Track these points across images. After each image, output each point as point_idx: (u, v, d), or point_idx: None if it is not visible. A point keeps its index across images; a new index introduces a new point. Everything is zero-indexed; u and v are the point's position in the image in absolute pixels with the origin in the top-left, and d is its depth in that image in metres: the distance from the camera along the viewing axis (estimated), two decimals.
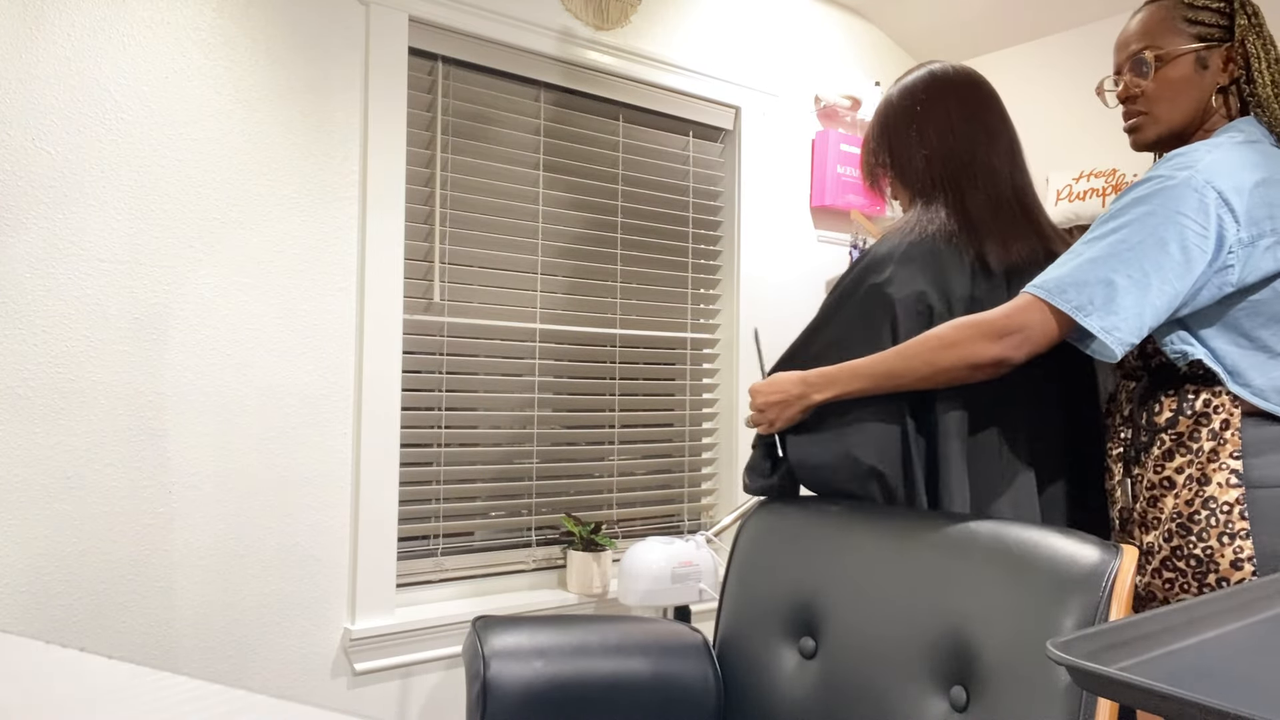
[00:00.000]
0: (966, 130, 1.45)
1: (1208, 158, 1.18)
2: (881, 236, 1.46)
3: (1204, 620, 0.61)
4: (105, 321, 1.67)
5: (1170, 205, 1.16)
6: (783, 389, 1.40)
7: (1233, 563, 1.16)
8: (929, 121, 1.46)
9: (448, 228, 2.15)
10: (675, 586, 2.05)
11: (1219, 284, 1.17)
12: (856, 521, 1.36)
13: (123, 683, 0.63)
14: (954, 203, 1.42)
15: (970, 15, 2.88)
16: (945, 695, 1.17)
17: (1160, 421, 1.24)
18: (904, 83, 1.51)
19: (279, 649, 1.85)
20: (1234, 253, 1.16)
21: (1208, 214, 1.15)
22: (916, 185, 1.47)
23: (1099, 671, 0.51)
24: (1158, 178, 1.19)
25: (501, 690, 1.33)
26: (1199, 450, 1.20)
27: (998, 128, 1.46)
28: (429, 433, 2.12)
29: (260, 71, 1.84)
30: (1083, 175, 2.70)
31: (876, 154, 1.53)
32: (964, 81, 1.48)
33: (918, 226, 1.41)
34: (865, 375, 1.33)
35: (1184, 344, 1.21)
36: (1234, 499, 1.16)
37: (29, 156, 1.60)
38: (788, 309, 2.73)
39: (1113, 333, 1.15)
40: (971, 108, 1.46)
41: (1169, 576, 1.22)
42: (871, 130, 1.55)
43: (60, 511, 1.63)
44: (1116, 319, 1.15)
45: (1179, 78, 1.29)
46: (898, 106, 1.50)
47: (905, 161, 1.48)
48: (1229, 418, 1.19)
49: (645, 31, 2.42)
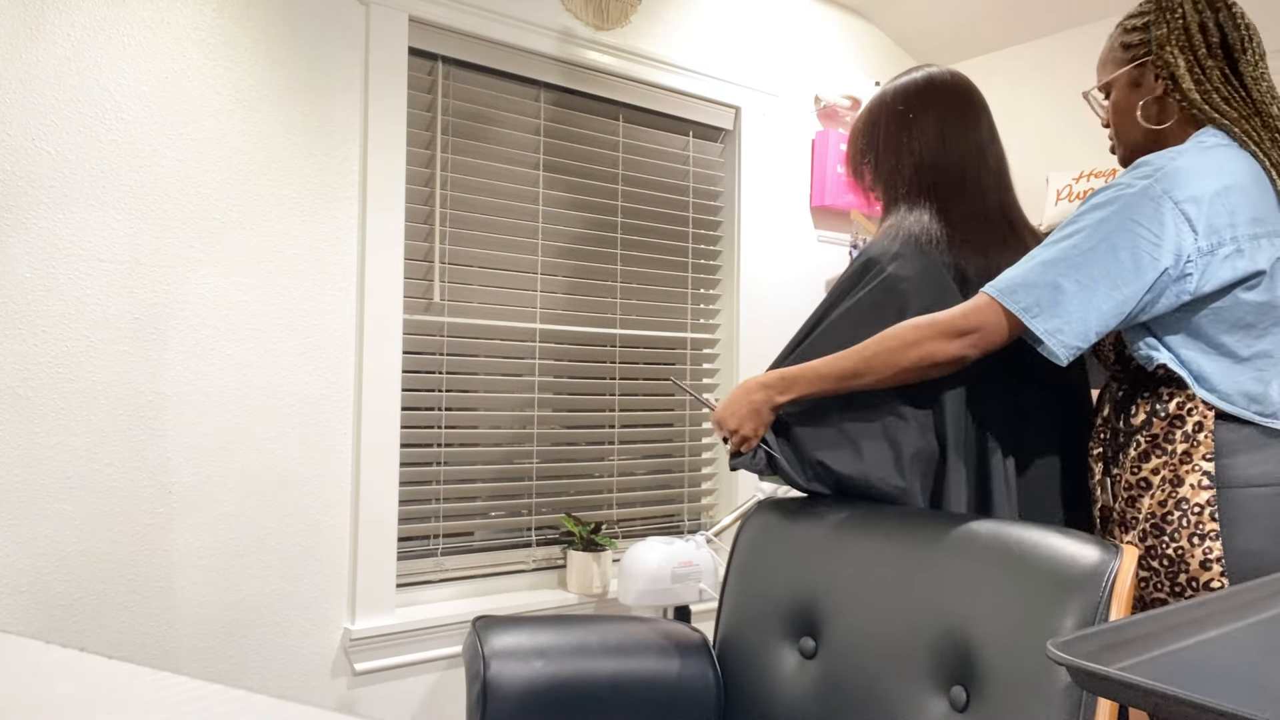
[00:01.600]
0: (958, 145, 1.44)
1: (1169, 165, 1.19)
2: (868, 244, 1.46)
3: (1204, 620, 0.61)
4: (105, 321, 1.67)
5: (1125, 213, 1.18)
6: (746, 400, 1.40)
7: (1202, 563, 1.17)
8: (921, 130, 1.46)
9: (448, 228, 2.15)
10: (675, 586, 2.05)
11: (1177, 292, 1.19)
12: (856, 521, 1.36)
13: (123, 683, 0.63)
14: (938, 211, 1.42)
15: (970, 15, 2.88)
16: (945, 695, 1.17)
17: (1136, 423, 1.26)
18: (900, 84, 1.51)
19: (279, 649, 1.85)
20: (1192, 261, 1.17)
21: (1163, 223, 1.16)
22: (902, 189, 1.47)
23: (1099, 671, 0.51)
24: (1117, 185, 1.21)
25: (501, 690, 1.33)
26: (1173, 452, 1.22)
27: (987, 145, 1.46)
28: (429, 433, 2.12)
29: (260, 71, 1.84)
30: (1082, 175, 2.70)
31: (864, 151, 1.53)
32: (960, 93, 1.47)
33: (903, 229, 1.42)
34: (828, 376, 1.34)
35: (1150, 349, 1.23)
36: (1205, 500, 1.18)
37: (29, 156, 1.60)
38: (788, 309, 2.73)
39: (1056, 335, 1.18)
40: (965, 122, 1.45)
41: (1144, 575, 1.24)
42: (861, 125, 1.54)
43: (60, 511, 1.63)
44: (1060, 322, 1.18)
45: (1120, 99, 1.35)
46: (891, 108, 1.49)
47: (893, 165, 1.48)
48: (1202, 420, 1.20)
49: (645, 31, 2.42)
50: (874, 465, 1.35)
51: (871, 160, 1.51)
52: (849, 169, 1.58)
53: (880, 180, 1.51)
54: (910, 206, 1.44)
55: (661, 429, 2.53)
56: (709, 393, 2.63)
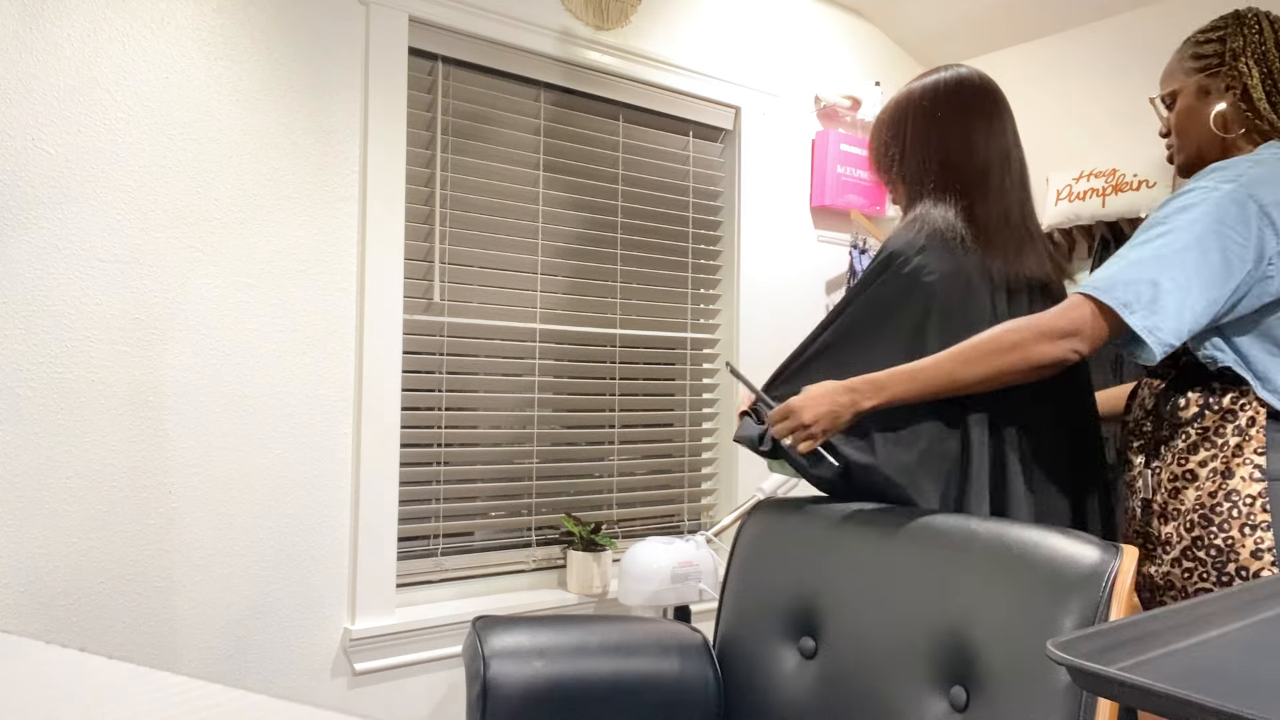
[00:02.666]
0: (984, 147, 1.44)
1: (1250, 172, 1.22)
2: (891, 235, 1.45)
3: (1205, 620, 0.61)
4: (105, 321, 1.67)
5: (1213, 214, 1.20)
6: (830, 399, 1.34)
7: (1253, 553, 1.19)
8: (949, 130, 1.45)
9: (448, 228, 2.15)
10: (675, 586, 2.05)
11: (1259, 293, 1.21)
12: (856, 521, 1.36)
13: (123, 683, 0.63)
14: (962, 209, 1.42)
15: (970, 15, 2.87)
16: (945, 695, 1.17)
17: (1185, 416, 1.28)
18: (929, 83, 1.49)
19: (279, 649, 1.85)
20: (1273, 263, 1.20)
21: (1249, 225, 1.19)
22: (928, 185, 1.46)
23: (1099, 671, 0.51)
24: (1201, 188, 1.24)
25: (501, 690, 1.33)
26: (1223, 445, 1.24)
27: (1011, 150, 1.46)
28: (429, 433, 2.12)
29: (260, 71, 1.84)
30: (1083, 175, 2.70)
31: (889, 144, 1.52)
32: (988, 96, 1.47)
33: (927, 223, 1.41)
34: (921, 380, 1.30)
35: (1215, 350, 1.25)
36: (1257, 492, 1.20)
37: (29, 156, 1.60)
38: (788, 309, 2.73)
39: (1155, 333, 1.18)
40: (991, 126, 1.45)
41: (1188, 566, 1.25)
42: (887, 119, 1.53)
43: (60, 511, 1.63)
44: (1158, 319, 1.18)
45: (1185, 108, 1.37)
46: (919, 105, 1.48)
47: (919, 162, 1.47)
48: (1255, 415, 1.23)
49: (645, 31, 2.42)
50: (885, 459, 1.35)
51: (897, 154, 1.50)
52: (872, 161, 1.57)
53: (904, 176, 1.50)
54: (935, 202, 1.44)
55: (661, 429, 2.52)
56: (709, 393, 2.63)
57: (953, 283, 1.36)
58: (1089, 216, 2.67)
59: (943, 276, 1.36)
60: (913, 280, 1.37)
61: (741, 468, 2.59)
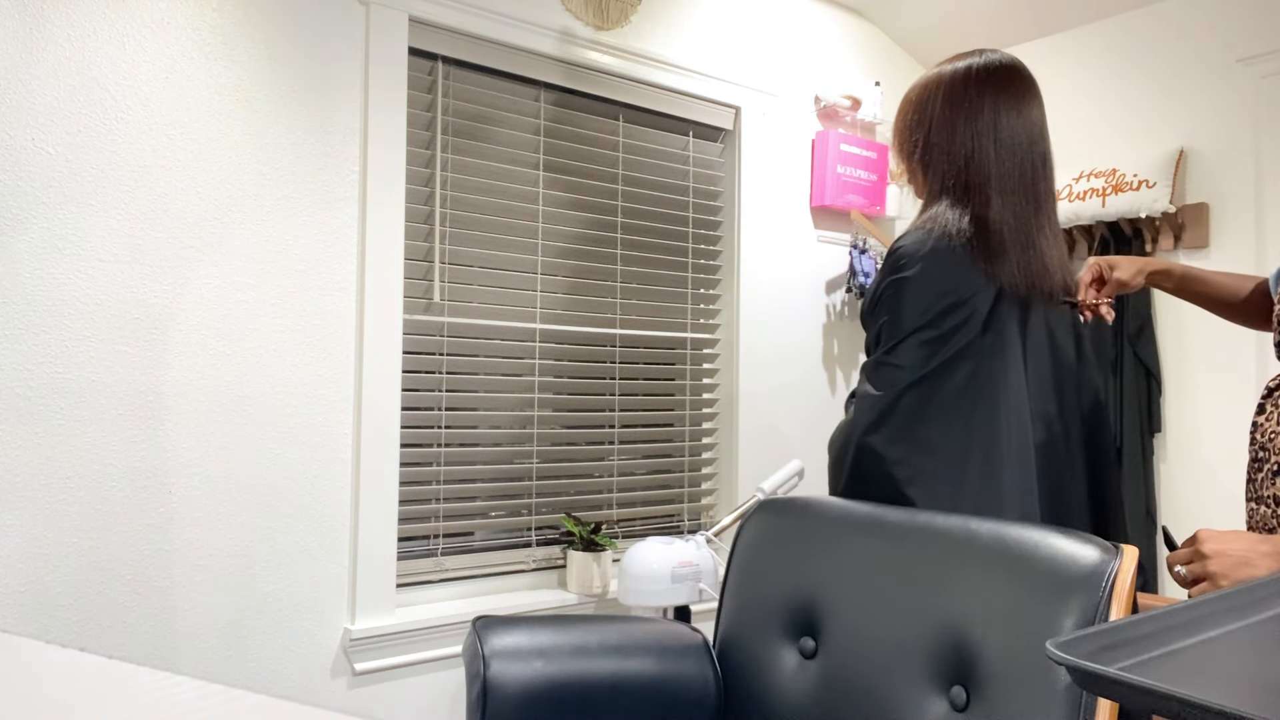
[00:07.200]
0: (1010, 139, 1.39)
1: None
2: (902, 235, 1.42)
3: (1205, 620, 0.61)
4: (105, 321, 1.67)
5: None
6: (1246, 566, 1.13)
7: None
8: (978, 125, 1.39)
9: (448, 228, 2.15)
10: (675, 586, 2.05)
11: None
12: (856, 522, 1.36)
13: (123, 683, 0.63)
14: (981, 207, 1.37)
15: (970, 15, 2.87)
16: (945, 695, 1.17)
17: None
18: (963, 67, 1.42)
19: (279, 649, 1.85)
20: None
21: None
22: (949, 180, 1.40)
23: (1099, 671, 0.51)
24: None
25: (501, 690, 1.33)
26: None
27: (1037, 141, 1.41)
28: (429, 433, 2.12)
29: (260, 71, 1.84)
30: (1083, 175, 2.70)
31: (912, 130, 1.45)
32: (1022, 86, 1.42)
33: (937, 226, 1.37)
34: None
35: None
36: None
37: (29, 156, 1.60)
38: (788, 309, 2.73)
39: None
40: (1020, 115, 1.40)
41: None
42: (916, 100, 1.46)
43: (60, 511, 1.63)
44: None
45: None
46: (948, 91, 1.42)
47: (944, 152, 1.41)
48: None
49: (645, 31, 2.42)
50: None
51: (920, 140, 1.44)
52: (895, 143, 1.51)
53: (927, 165, 1.44)
54: (952, 203, 1.39)
55: (661, 429, 2.53)
56: (709, 393, 2.63)
57: (957, 288, 1.34)
58: (1089, 216, 2.67)
59: (945, 285, 1.34)
60: (898, 286, 1.36)
61: (741, 468, 2.59)
